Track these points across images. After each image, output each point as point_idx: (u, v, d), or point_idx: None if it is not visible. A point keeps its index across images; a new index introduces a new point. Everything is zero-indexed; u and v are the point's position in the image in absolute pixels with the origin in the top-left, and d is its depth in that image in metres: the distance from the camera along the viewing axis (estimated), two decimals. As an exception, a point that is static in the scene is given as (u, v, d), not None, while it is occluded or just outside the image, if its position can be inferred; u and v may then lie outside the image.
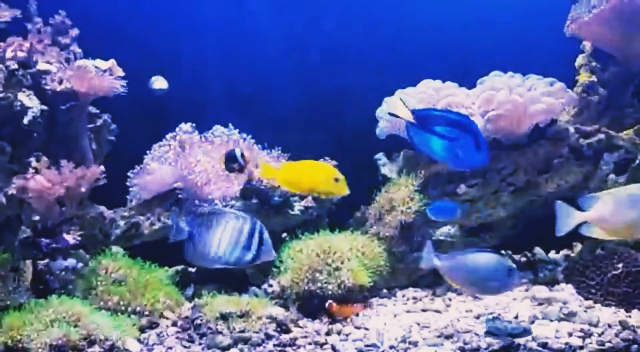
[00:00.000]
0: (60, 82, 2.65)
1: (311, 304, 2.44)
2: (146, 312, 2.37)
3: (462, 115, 2.12)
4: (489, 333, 2.15)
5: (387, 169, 3.06)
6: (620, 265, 2.49)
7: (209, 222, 1.94)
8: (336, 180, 2.21)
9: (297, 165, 2.26)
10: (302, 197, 2.83)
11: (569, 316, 2.25)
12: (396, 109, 2.14)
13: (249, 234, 1.94)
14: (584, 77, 2.86)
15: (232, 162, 2.36)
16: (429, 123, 2.07)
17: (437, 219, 2.68)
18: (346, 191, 2.22)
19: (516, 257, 3.25)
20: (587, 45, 2.90)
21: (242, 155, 2.35)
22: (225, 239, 1.93)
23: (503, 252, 3.29)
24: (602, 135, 2.70)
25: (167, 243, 2.82)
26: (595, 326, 2.19)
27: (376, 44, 3.38)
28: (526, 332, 2.14)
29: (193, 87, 3.32)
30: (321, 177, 2.21)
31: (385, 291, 2.76)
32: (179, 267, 3.03)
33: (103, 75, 2.62)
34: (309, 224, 2.87)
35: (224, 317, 2.27)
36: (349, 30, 3.41)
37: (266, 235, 1.97)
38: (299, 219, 2.78)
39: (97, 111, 2.86)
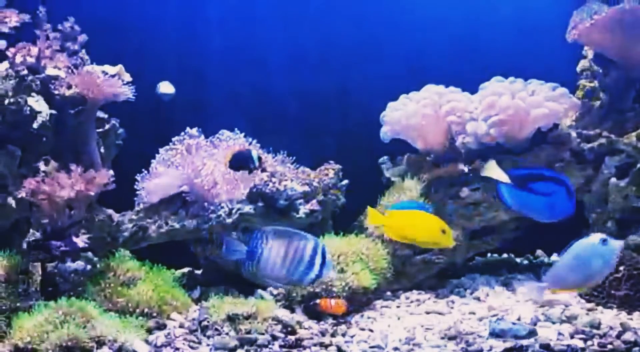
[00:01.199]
0: (69, 87, 2.69)
1: (316, 306, 2.47)
2: (154, 314, 2.40)
3: (551, 171, 2.29)
4: (494, 335, 2.17)
5: (391, 172, 3.10)
6: (621, 268, 2.50)
7: (271, 242, 1.98)
8: (443, 232, 2.23)
9: (405, 215, 2.27)
10: (307, 201, 2.86)
11: (571, 318, 2.28)
12: (491, 172, 2.28)
13: (312, 253, 1.98)
14: (585, 82, 2.89)
15: (246, 162, 2.39)
16: (526, 182, 2.21)
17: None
18: (452, 243, 2.26)
19: (518, 259, 3.30)
20: (588, 50, 2.93)
21: (259, 156, 2.39)
22: (289, 258, 1.97)
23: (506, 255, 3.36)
24: (603, 140, 2.73)
25: (173, 246, 2.89)
26: (597, 328, 2.22)
27: (380, 47, 3.42)
28: (532, 333, 2.15)
29: (199, 92, 3.36)
30: (428, 228, 2.23)
31: (389, 293, 2.79)
32: (185, 270, 3.08)
33: (111, 80, 2.65)
34: (314, 227, 2.90)
35: (231, 318, 2.30)
36: (353, 34, 3.45)
37: (328, 255, 2.02)
38: (304, 222, 2.81)
39: (105, 116, 2.90)
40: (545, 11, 3.25)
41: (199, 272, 3.05)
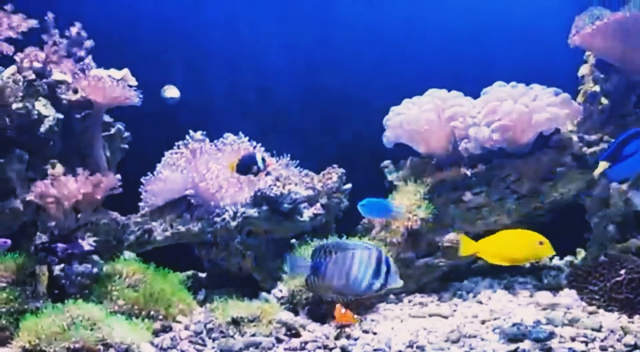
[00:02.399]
0: (76, 92, 2.73)
1: (320, 308, 2.50)
2: (160, 317, 2.43)
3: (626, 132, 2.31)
4: (512, 341, 2.18)
5: (394, 176, 3.11)
6: (622, 271, 2.52)
7: (336, 255, 2.01)
8: (540, 243, 2.22)
9: (497, 237, 2.26)
10: (311, 204, 2.88)
11: (573, 321, 2.30)
12: (598, 171, 2.35)
13: (376, 262, 2.01)
14: (587, 87, 2.91)
15: (251, 165, 2.42)
16: (619, 153, 2.27)
17: (369, 217, 2.74)
18: (552, 252, 2.24)
19: (520, 263, 3.31)
20: (590, 55, 2.96)
21: (263, 159, 2.42)
22: (354, 269, 1.99)
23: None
24: (604, 144, 2.75)
25: (177, 248, 2.92)
26: (598, 331, 2.24)
27: (384, 53, 3.44)
28: (552, 335, 2.16)
29: (204, 96, 3.39)
30: (526, 244, 2.22)
31: (392, 296, 2.82)
32: (190, 272, 3.11)
33: (118, 85, 2.68)
34: (318, 231, 2.92)
35: (236, 321, 2.33)
36: (356, 39, 3.47)
37: (392, 263, 2.04)
38: (308, 226, 2.84)
39: (111, 120, 2.93)
40: (548, 15, 3.27)
41: (203, 275, 3.08)
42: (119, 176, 2.57)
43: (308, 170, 3.03)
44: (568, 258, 3.08)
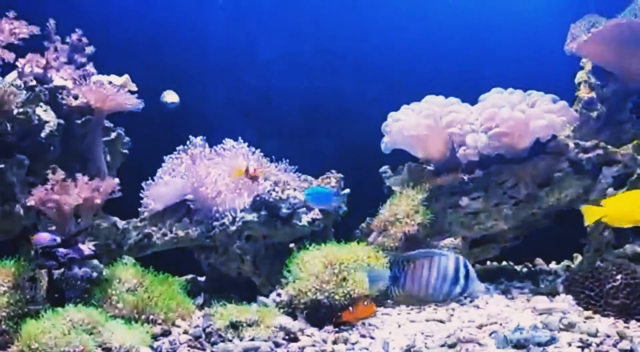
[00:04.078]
0: (76, 98, 2.75)
1: (318, 313, 2.51)
2: (159, 321, 2.44)
3: None
4: (517, 347, 2.17)
5: (392, 181, 3.14)
6: (619, 277, 2.54)
7: (414, 264, 2.05)
8: None
9: (622, 199, 2.25)
10: (309, 209, 2.90)
11: (569, 326, 2.31)
12: None
13: (455, 269, 2.04)
14: (583, 93, 2.94)
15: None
16: None
17: (315, 205, 2.79)
18: None
19: (517, 268, 3.34)
20: (586, 62, 2.98)
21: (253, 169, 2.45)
22: (433, 276, 2.03)
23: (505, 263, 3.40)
24: (600, 151, 2.78)
25: (178, 253, 2.93)
26: (594, 336, 2.25)
27: (382, 59, 3.47)
28: (553, 339, 2.17)
29: (204, 101, 3.41)
30: None
31: (390, 301, 2.83)
32: (189, 276, 3.12)
33: (119, 91, 2.70)
34: (317, 235, 2.94)
35: (234, 325, 2.34)
36: (356, 45, 3.50)
37: (471, 268, 2.07)
38: (307, 231, 2.85)
39: (111, 125, 2.95)
40: (547, 21, 3.30)
41: (202, 279, 3.09)
42: (118, 181, 2.59)
43: (307, 175, 3.05)
44: (565, 263, 3.10)
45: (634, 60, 2.78)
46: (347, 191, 3.04)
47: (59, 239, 2.44)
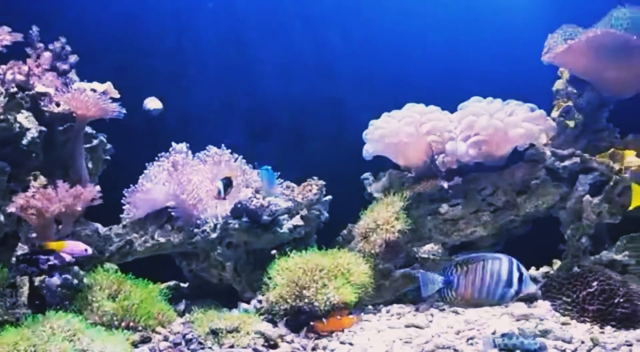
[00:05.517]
0: (58, 105, 2.75)
1: (298, 320, 2.54)
2: (139, 328, 2.45)
3: None
4: (503, 351, 2.21)
5: (373, 188, 3.16)
6: (595, 283, 2.57)
7: (467, 268, 2.08)
8: None
9: None
10: (291, 216, 2.92)
11: (544, 333, 2.34)
12: None
13: (508, 270, 2.06)
14: (561, 102, 2.98)
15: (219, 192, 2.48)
16: None
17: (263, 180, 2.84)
18: None
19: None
20: (563, 71, 3.03)
21: (226, 186, 2.47)
22: (487, 279, 2.06)
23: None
24: (577, 159, 2.83)
25: (162, 259, 2.94)
26: (569, 342, 2.29)
27: (365, 69, 3.49)
28: (542, 349, 2.19)
29: (187, 108, 3.43)
30: None
31: (370, 307, 2.86)
32: (172, 283, 3.13)
33: (100, 98, 2.71)
34: (299, 242, 2.96)
35: (214, 332, 2.36)
36: (340, 55, 3.53)
37: (524, 269, 2.10)
38: (288, 238, 2.87)
39: (93, 131, 2.96)
40: (527, 31, 3.34)
41: (185, 285, 3.10)
42: (98, 188, 2.60)
43: (290, 182, 3.07)
44: (544, 269, 3.14)
45: (609, 71, 2.83)
46: (329, 197, 3.06)
47: (90, 251, 2.47)
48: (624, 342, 2.27)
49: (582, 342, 2.30)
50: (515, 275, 2.06)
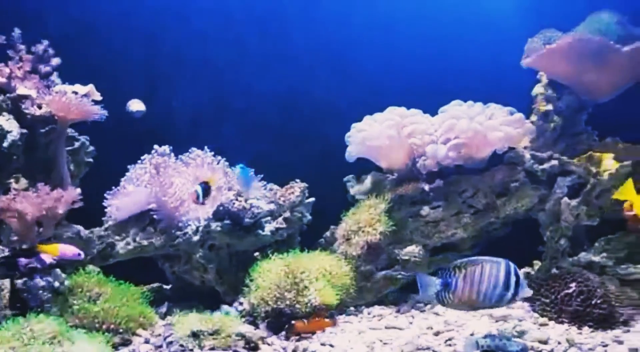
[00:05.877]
0: (40, 107, 2.75)
1: (279, 321, 2.56)
2: (120, 330, 2.46)
3: None
4: None
5: (356, 190, 3.18)
6: (573, 284, 2.61)
7: (465, 271, 2.10)
8: None
9: None
10: (274, 218, 2.94)
11: (521, 334, 2.38)
12: None
13: (506, 275, 2.09)
14: (540, 106, 3.02)
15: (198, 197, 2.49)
16: None
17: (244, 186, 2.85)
18: None
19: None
20: (543, 75, 3.06)
21: (204, 191, 2.48)
22: (485, 283, 2.08)
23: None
24: (555, 162, 2.86)
25: (146, 262, 2.95)
26: (545, 343, 2.32)
27: (347, 72, 3.51)
28: (523, 350, 2.22)
29: (170, 110, 3.43)
30: None
31: (352, 308, 2.88)
32: (155, 285, 3.14)
33: (81, 100, 2.71)
34: (281, 244, 2.98)
35: (195, 334, 2.36)
36: (322, 56, 3.55)
37: (521, 274, 2.13)
38: (270, 240, 2.89)
39: (76, 133, 2.96)
40: (508, 34, 3.37)
41: (167, 287, 3.11)
42: (79, 190, 2.60)
43: (273, 184, 3.09)
44: (524, 270, 3.17)
45: (587, 75, 2.87)
46: (312, 199, 3.08)
47: (82, 255, 2.48)
48: (600, 342, 2.30)
49: (559, 343, 2.33)
50: (513, 279, 2.09)
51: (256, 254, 2.94)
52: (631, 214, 2.42)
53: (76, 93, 2.79)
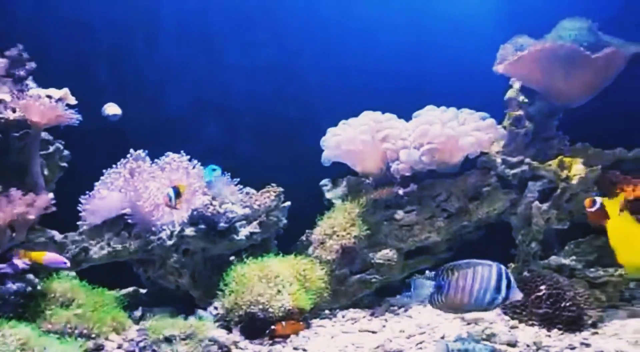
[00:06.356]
0: (14, 111, 2.74)
1: (253, 326, 2.57)
2: (92, 335, 2.45)
3: None
4: None
5: (332, 194, 3.21)
6: (543, 287, 2.64)
7: (458, 274, 2.12)
8: None
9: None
10: (249, 223, 2.95)
11: (490, 336, 2.41)
12: None
13: (497, 278, 2.11)
14: (512, 111, 3.06)
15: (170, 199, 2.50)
16: None
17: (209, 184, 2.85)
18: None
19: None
20: (515, 81, 3.10)
21: (176, 194, 2.49)
22: (477, 286, 2.11)
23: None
24: (525, 166, 2.90)
25: (122, 266, 2.94)
26: (514, 346, 2.36)
27: (324, 78, 3.53)
28: None
29: (146, 114, 3.43)
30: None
31: (327, 312, 2.90)
32: (131, 289, 3.13)
33: (55, 105, 2.70)
34: (258, 248, 2.99)
35: (168, 339, 2.37)
36: (299, 60, 3.56)
37: (512, 277, 2.15)
38: (245, 244, 2.90)
39: (50, 137, 2.95)
40: (484, 39, 3.41)
41: (143, 291, 3.11)
42: (52, 195, 2.59)
43: (249, 188, 3.10)
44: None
45: (557, 81, 2.91)
46: (288, 203, 3.09)
47: (68, 263, 2.50)
48: (567, 345, 2.35)
49: (527, 345, 2.36)
50: (504, 283, 2.12)
51: (232, 258, 2.95)
52: (591, 211, 2.47)
53: (50, 97, 2.79)
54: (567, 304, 2.56)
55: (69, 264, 2.51)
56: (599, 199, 2.49)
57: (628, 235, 2.36)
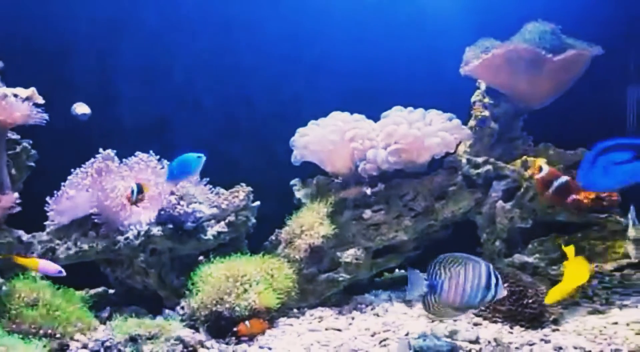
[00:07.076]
0: (-21, 110, 2.72)
1: (219, 325, 2.59)
2: (57, 335, 2.45)
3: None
4: None
5: (302, 193, 3.23)
6: (506, 284, 2.70)
7: (450, 273, 2.14)
8: None
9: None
10: (217, 222, 2.97)
11: (452, 333, 2.46)
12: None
13: (487, 276, 2.14)
14: (478, 112, 3.12)
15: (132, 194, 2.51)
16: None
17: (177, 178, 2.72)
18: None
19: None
20: (481, 83, 3.16)
21: (139, 190, 2.50)
22: (468, 285, 2.13)
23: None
24: (490, 166, 2.96)
25: (92, 266, 2.93)
26: (475, 343, 2.40)
27: (294, 78, 3.55)
28: (454, 349, 2.30)
29: (116, 113, 3.42)
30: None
31: (295, 310, 2.92)
32: (100, 289, 3.13)
33: (21, 104, 2.69)
34: (227, 247, 3.00)
35: (133, 339, 2.38)
36: (269, 60, 3.58)
37: (499, 274, 2.18)
38: (213, 244, 2.91)
39: (18, 137, 2.93)
40: (453, 41, 3.45)
41: (111, 291, 3.10)
42: (17, 195, 2.58)
43: (220, 188, 3.11)
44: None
45: (521, 83, 2.97)
46: (257, 203, 3.11)
47: (64, 272, 2.49)
48: (527, 341, 2.40)
49: (489, 342, 2.41)
50: (493, 281, 2.16)
51: (201, 258, 2.96)
52: (539, 177, 2.64)
53: (17, 96, 2.77)
54: (529, 301, 2.62)
55: (64, 273, 2.49)
56: (545, 166, 2.55)
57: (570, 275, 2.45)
